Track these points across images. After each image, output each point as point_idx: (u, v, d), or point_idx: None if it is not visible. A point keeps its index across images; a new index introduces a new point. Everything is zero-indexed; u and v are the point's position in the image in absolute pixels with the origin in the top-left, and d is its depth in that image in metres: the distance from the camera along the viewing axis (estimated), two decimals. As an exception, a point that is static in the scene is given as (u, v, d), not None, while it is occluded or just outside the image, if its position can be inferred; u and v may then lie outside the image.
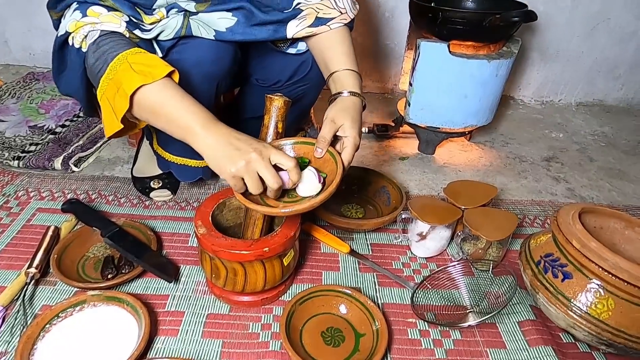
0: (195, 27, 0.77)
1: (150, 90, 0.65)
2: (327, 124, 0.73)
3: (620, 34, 1.65)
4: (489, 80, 1.17)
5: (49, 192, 1.01)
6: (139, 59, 0.66)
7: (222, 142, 0.64)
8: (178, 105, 0.65)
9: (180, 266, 0.84)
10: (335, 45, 0.83)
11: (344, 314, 0.75)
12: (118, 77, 0.65)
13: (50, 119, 1.30)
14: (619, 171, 1.33)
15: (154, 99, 0.65)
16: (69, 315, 0.69)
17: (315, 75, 0.93)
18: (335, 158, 0.72)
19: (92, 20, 0.70)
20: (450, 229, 0.90)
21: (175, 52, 0.80)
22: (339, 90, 0.78)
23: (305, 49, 0.91)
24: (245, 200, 0.67)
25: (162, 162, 1.01)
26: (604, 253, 0.65)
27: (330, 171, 0.72)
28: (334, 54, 0.82)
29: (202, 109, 0.66)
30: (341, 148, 0.74)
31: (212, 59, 0.81)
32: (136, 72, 0.64)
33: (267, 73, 0.98)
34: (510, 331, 0.76)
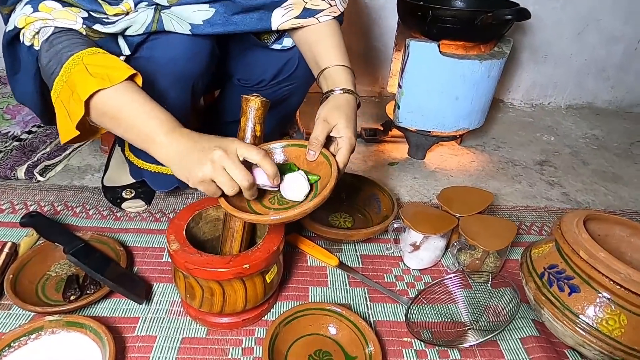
0: (167, 22, 0.70)
1: (107, 95, 0.59)
2: (319, 124, 0.67)
3: (609, 35, 1.63)
4: (481, 81, 1.13)
5: (9, 204, 0.93)
6: (96, 60, 0.60)
7: (184, 147, 0.58)
8: (139, 111, 0.60)
9: (152, 284, 0.77)
10: (324, 39, 0.77)
11: (334, 335, 0.69)
12: (72, 79, 0.59)
13: (16, 125, 1.22)
14: (613, 174, 1.30)
15: (111, 104, 0.60)
16: (22, 344, 0.61)
17: (302, 74, 0.87)
18: (329, 160, 0.66)
19: (44, 16, 0.63)
20: (445, 238, 0.84)
21: (146, 49, 0.73)
22: (331, 88, 0.72)
23: (291, 44, 0.84)
24: (229, 207, 0.61)
25: (134, 170, 0.94)
26: (614, 264, 0.60)
27: (325, 174, 0.66)
28: (324, 48, 0.76)
29: (164, 115, 0.60)
30: (335, 149, 0.69)
31: (187, 56, 0.74)
32: (92, 75, 0.58)
33: (250, 72, 0.91)
34: (513, 349, 0.70)
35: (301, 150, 0.69)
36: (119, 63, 0.62)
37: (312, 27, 0.78)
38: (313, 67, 0.79)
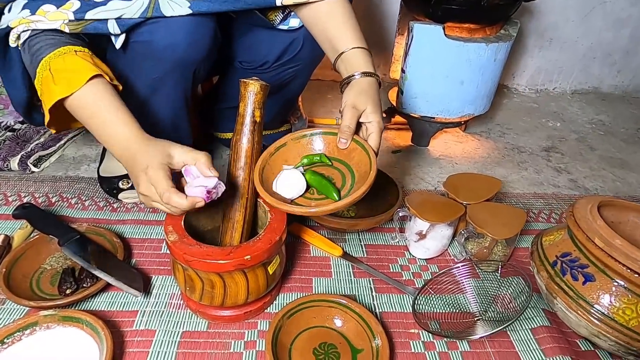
0: (164, 4, 0.67)
1: (71, 102, 0.62)
2: (348, 111, 0.66)
3: (615, 18, 1.59)
4: (487, 65, 1.09)
5: (2, 195, 0.90)
6: (61, 65, 0.61)
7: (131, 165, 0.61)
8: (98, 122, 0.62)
9: (151, 277, 0.74)
10: (339, 21, 0.74)
11: (339, 327, 0.66)
12: (41, 87, 0.62)
13: (9, 115, 1.18)
14: (620, 160, 1.27)
15: (74, 107, 0.63)
16: (17, 340, 0.59)
17: (307, 54, 0.84)
18: (364, 147, 0.67)
19: (38, 19, 0.64)
20: (452, 227, 0.82)
21: (145, 32, 0.69)
22: (351, 73, 0.71)
23: (297, 25, 0.81)
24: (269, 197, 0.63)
25: None
26: (632, 252, 0.57)
27: (358, 161, 0.67)
28: (339, 31, 0.73)
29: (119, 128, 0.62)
30: (366, 135, 0.69)
31: (188, 42, 0.70)
32: (55, 84, 0.60)
33: (253, 54, 0.88)
34: (524, 340, 0.68)
35: (331, 138, 0.70)
36: (82, 64, 0.62)
37: (323, 6, 0.74)
38: (328, 50, 0.76)
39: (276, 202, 0.63)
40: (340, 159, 0.71)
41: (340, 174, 0.70)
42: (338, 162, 0.71)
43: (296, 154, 0.72)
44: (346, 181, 0.69)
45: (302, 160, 0.71)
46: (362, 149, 0.67)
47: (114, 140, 0.62)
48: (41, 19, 0.64)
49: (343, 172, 0.70)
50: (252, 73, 0.91)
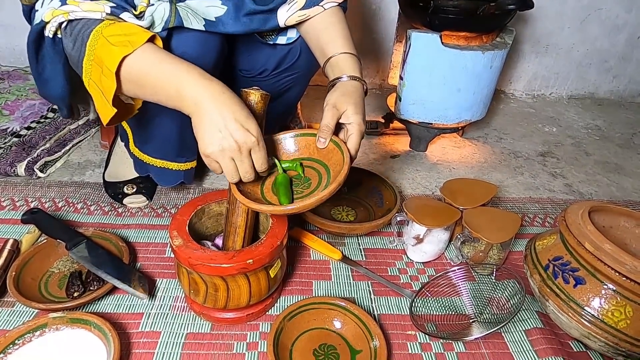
0: (184, 15, 0.69)
1: (133, 60, 0.59)
2: (328, 111, 0.67)
3: (611, 24, 1.62)
4: (483, 72, 1.11)
5: (10, 200, 0.92)
6: (115, 30, 0.60)
7: (219, 98, 0.59)
8: (164, 66, 0.59)
9: (155, 280, 0.77)
10: (330, 28, 0.76)
11: (338, 329, 0.68)
12: (98, 55, 0.59)
13: (15, 121, 1.21)
14: (615, 165, 1.30)
15: (138, 67, 0.59)
16: (27, 341, 0.61)
17: (304, 63, 0.87)
18: (340, 147, 0.67)
19: (72, 9, 0.62)
20: (449, 231, 0.84)
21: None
22: (338, 76, 0.72)
23: (295, 36, 0.84)
24: (242, 198, 0.63)
25: (139, 165, 0.93)
26: (620, 256, 0.59)
27: (336, 162, 0.67)
28: (330, 37, 0.76)
29: (190, 65, 0.60)
30: (346, 136, 0.69)
31: (199, 52, 0.73)
32: (114, 45, 0.58)
33: (253, 63, 0.90)
34: (518, 341, 0.70)
35: (311, 139, 0.70)
36: (136, 28, 0.61)
37: (319, 18, 0.77)
38: (319, 55, 0.79)
39: (245, 201, 0.63)
40: (319, 159, 0.70)
41: (318, 174, 0.69)
42: (317, 162, 0.70)
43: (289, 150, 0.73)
44: (322, 182, 0.68)
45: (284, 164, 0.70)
46: (339, 150, 0.67)
47: (200, 90, 0.58)
48: (75, 9, 0.62)
49: (320, 173, 0.69)
50: (251, 81, 0.93)
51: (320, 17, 0.77)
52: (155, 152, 0.89)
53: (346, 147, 0.66)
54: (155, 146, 0.89)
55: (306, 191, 0.67)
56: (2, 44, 1.54)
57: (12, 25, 1.45)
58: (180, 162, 0.91)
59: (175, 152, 0.89)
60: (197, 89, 0.58)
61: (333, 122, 0.67)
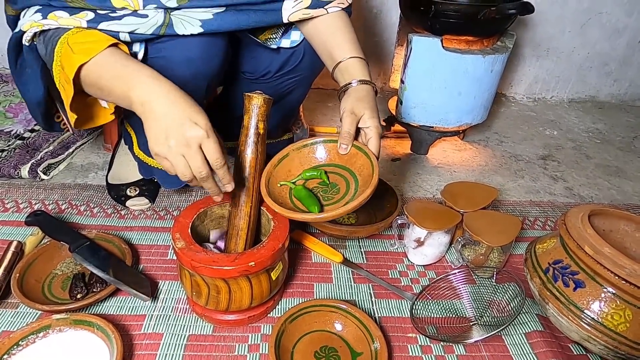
0: (177, 23, 0.69)
1: (90, 66, 0.61)
2: (347, 117, 0.70)
3: (612, 28, 1.62)
4: (484, 76, 1.12)
5: (14, 202, 0.93)
6: (79, 38, 0.63)
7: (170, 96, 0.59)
8: (116, 70, 0.61)
9: (158, 282, 0.77)
10: (337, 33, 0.78)
11: (339, 331, 0.69)
12: (62, 61, 0.62)
13: (19, 124, 1.22)
14: (616, 168, 1.30)
15: (94, 73, 0.62)
16: (30, 342, 0.62)
17: (307, 66, 0.88)
18: (364, 151, 0.71)
19: (49, 23, 0.65)
20: (449, 234, 0.85)
21: (162, 49, 0.72)
22: (348, 81, 0.74)
23: (299, 39, 0.84)
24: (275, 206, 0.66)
25: (144, 168, 0.94)
26: (620, 259, 0.60)
27: (361, 165, 0.71)
28: (337, 42, 0.78)
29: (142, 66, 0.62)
30: (365, 139, 0.72)
31: (203, 58, 0.74)
32: (75, 53, 0.61)
33: (256, 65, 0.91)
34: (518, 344, 0.70)
35: (331, 145, 0.73)
36: (100, 35, 0.64)
37: (323, 21, 0.78)
38: (327, 60, 0.80)
39: (283, 211, 0.67)
40: (342, 165, 0.74)
41: (344, 180, 0.74)
42: (341, 168, 0.74)
43: (298, 163, 0.76)
44: (350, 186, 0.72)
45: (305, 174, 0.74)
46: (362, 154, 0.71)
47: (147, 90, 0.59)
48: (53, 23, 0.65)
49: (347, 178, 0.73)
50: (254, 83, 0.94)
51: (326, 21, 0.79)
52: None
53: (370, 150, 0.70)
54: None
55: (336, 196, 0.72)
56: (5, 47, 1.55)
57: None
58: None
59: None
60: (144, 90, 0.59)
61: (353, 128, 0.70)
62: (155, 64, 0.73)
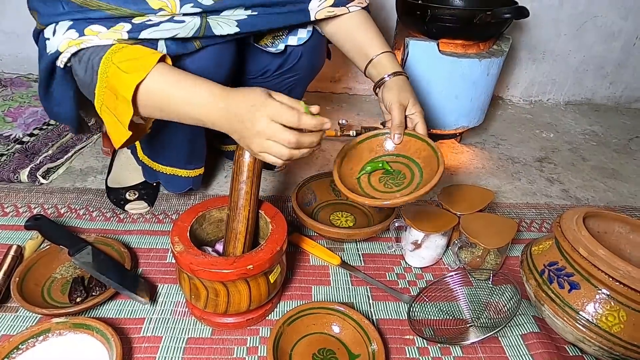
0: (214, 25, 0.70)
1: (147, 84, 0.60)
2: (396, 109, 0.75)
3: (607, 31, 1.63)
4: (480, 79, 1.13)
5: (13, 207, 0.93)
6: (124, 56, 0.61)
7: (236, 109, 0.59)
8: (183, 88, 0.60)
9: (157, 285, 0.78)
10: (365, 30, 0.83)
11: (337, 334, 0.69)
12: (111, 83, 0.60)
13: (18, 128, 1.22)
14: (612, 170, 1.31)
15: (153, 92, 0.60)
16: (30, 346, 0.62)
17: (305, 65, 0.90)
18: (416, 136, 0.76)
19: (89, 39, 0.62)
20: (446, 236, 0.85)
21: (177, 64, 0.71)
22: (383, 75, 0.79)
23: (307, 37, 0.85)
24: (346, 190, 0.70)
25: (149, 172, 0.94)
26: (614, 261, 0.61)
27: (417, 149, 0.75)
28: (366, 40, 0.83)
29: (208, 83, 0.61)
30: (412, 125, 0.77)
31: (216, 64, 0.75)
32: (126, 72, 0.59)
33: (255, 64, 0.92)
34: (514, 346, 0.71)
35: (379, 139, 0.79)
36: (144, 50, 0.62)
37: (349, 19, 0.83)
38: (357, 56, 0.84)
39: (353, 195, 0.70)
40: (398, 153, 0.78)
41: (406, 166, 0.77)
42: (398, 156, 0.78)
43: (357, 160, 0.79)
44: (414, 171, 0.76)
45: (366, 168, 0.78)
46: (415, 139, 0.76)
47: (205, 101, 0.60)
48: (92, 39, 0.62)
49: (407, 165, 0.77)
50: (254, 82, 0.95)
51: (352, 19, 0.83)
52: (165, 160, 0.91)
53: (420, 134, 0.75)
54: (165, 154, 0.90)
55: (405, 181, 0.75)
56: (5, 51, 1.56)
57: (15, 32, 1.47)
58: (189, 169, 0.92)
59: (184, 160, 0.90)
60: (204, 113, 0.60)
61: (403, 117, 0.76)
62: None
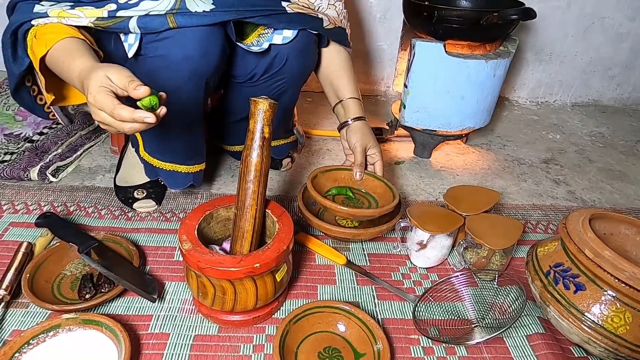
0: (189, 2, 0.72)
1: (49, 57, 0.68)
2: (358, 152, 0.92)
3: (614, 33, 1.63)
4: (487, 80, 1.13)
5: (24, 204, 0.95)
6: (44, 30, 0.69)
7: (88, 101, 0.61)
8: (69, 59, 0.66)
9: (165, 283, 0.78)
10: (340, 72, 0.98)
11: (343, 332, 0.70)
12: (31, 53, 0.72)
13: (28, 127, 1.24)
14: (619, 172, 1.30)
15: (54, 63, 0.68)
16: (41, 341, 0.63)
17: (293, 68, 0.91)
18: (374, 176, 0.94)
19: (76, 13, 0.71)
20: (452, 237, 0.85)
21: (161, 48, 0.75)
22: (346, 119, 0.96)
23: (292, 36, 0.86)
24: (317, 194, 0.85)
25: (149, 169, 0.95)
26: (620, 263, 0.61)
27: (374, 186, 0.94)
28: (340, 82, 0.98)
29: (79, 62, 0.64)
30: (372, 162, 0.94)
31: (201, 54, 0.76)
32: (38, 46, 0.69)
33: (242, 68, 0.92)
34: (519, 346, 0.71)
35: (347, 173, 0.95)
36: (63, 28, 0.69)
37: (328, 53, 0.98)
38: (329, 94, 1.01)
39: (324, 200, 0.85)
40: (358, 188, 0.96)
41: (365, 198, 0.95)
42: (357, 190, 0.96)
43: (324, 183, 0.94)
44: (371, 203, 0.93)
45: (332, 190, 0.93)
46: (374, 178, 0.94)
47: (74, 76, 0.64)
48: (79, 14, 0.70)
49: (367, 197, 0.95)
50: (244, 87, 0.96)
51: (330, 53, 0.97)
52: (164, 156, 0.92)
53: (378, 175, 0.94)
54: (164, 150, 0.91)
55: (364, 207, 0.92)
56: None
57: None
58: (189, 165, 0.93)
59: (183, 156, 0.91)
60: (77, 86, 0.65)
61: (363, 159, 0.93)
62: (152, 64, 0.76)
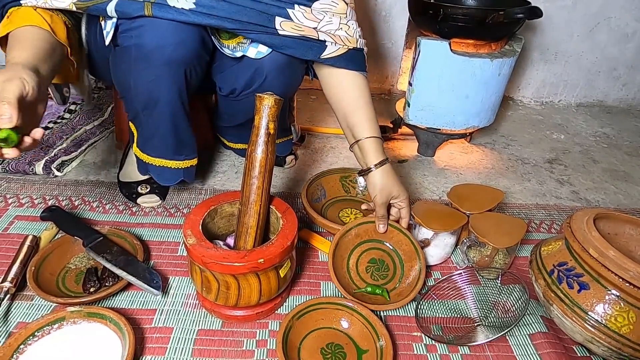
0: None
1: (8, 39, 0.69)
2: (378, 206, 0.81)
3: (620, 33, 1.62)
4: (491, 79, 1.13)
5: (29, 198, 0.95)
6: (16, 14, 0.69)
7: None
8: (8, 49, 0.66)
9: (168, 277, 0.79)
10: (357, 103, 0.84)
11: (345, 329, 0.70)
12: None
13: (33, 121, 1.24)
14: (623, 173, 1.30)
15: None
16: (46, 334, 0.64)
17: (275, 84, 0.85)
18: (398, 228, 0.83)
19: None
20: (455, 235, 0.85)
21: (135, 37, 0.72)
22: (367, 165, 0.82)
23: (266, 52, 0.81)
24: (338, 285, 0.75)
25: (140, 164, 0.95)
26: (624, 262, 0.60)
27: (399, 241, 0.83)
28: (358, 117, 0.83)
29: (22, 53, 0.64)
30: (398, 210, 0.84)
31: (176, 42, 0.73)
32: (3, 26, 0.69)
33: (224, 80, 0.90)
34: (522, 345, 0.71)
35: (371, 225, 0.84)
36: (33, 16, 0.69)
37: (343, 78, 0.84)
38: (346, 131, 0.87)
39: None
40: (381, 239, 0.85)
41: (389, 256, 0.84)
42: (379, 242, 0.85)
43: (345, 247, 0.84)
44: (395, 262, 0.83)
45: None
46: (398, 231, 0.83)
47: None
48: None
49: (390, 254, 0.84)
50: (226, 100, 0.94)
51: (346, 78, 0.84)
52: (153, 151, 0.90)
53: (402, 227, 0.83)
54: (152, 144, 0.89)
55: (389, 274, 0.82)
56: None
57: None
58: (179, 160, 0.91)
59: (172, 150, 0.89)
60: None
61: (385, 211, 0.82)
62: (129, 55, 0.75)
